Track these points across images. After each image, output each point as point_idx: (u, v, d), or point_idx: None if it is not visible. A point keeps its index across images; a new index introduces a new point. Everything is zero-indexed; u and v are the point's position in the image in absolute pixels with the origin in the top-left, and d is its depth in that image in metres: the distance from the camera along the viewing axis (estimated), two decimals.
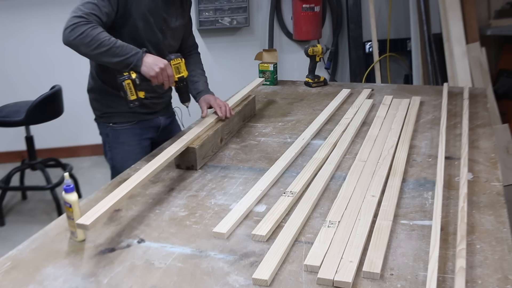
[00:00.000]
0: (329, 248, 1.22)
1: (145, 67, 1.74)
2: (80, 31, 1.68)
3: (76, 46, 1.71)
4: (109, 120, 2.05)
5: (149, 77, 1.75)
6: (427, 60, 3.79)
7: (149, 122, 2.11)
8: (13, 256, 1.27)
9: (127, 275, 1.18)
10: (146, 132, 2.10)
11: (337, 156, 1.78)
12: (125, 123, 2.04)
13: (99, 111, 2.08)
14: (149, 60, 1.75)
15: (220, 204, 1.51)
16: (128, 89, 1.73)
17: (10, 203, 3.63)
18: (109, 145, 2.07)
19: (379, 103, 2.37)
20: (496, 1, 4.07)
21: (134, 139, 2.06)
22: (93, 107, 2.11)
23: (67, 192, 1.33)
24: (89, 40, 1.69)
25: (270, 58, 2.91)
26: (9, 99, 3.60)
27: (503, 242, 1.23)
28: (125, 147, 2.04)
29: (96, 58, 1.76)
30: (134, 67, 1.74)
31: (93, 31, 1.69)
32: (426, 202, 1.46)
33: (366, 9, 4.14)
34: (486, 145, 1.85)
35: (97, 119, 2.12)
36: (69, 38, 1.70)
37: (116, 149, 2.05)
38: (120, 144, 2.04)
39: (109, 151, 2.07)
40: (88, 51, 1.71)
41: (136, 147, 2.05)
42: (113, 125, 2.04)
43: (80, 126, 4.36)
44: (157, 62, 1.75)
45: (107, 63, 1.76)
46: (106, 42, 1.70)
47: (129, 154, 1.99)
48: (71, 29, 1.69)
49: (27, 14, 4.08)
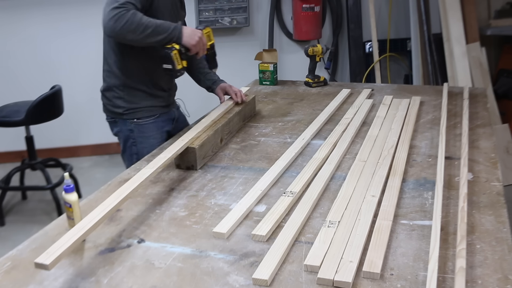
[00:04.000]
0: (329, 248, 1.22)
1: (185, 38, 1.91)
2: (125, 19, 1.76)
3: (123, 34, 1.80)
4: (134, 116, 2.09)
5: (190, 46, 1.92)
6: (427, 60, 3.79)
7: (167, 114, 2.20)
8: (13, 256, 1.27)
9: (127, 275, 1.18)
10: (165, 124, 2.19)
11: (337, 156, 1.78)
12: (149, 117, 2.11)
13: (122, 109, 2.09)
14: (187, 31, 1.92)
15: (220, 204, 1.51)
16: (175, 59, 1.90)
17: (10, 203, 3.63)
18: (134, 141, 2.12)
19: (379, 103, 2.37)
20: (496, 1, 4.07)
21: (158, 132, 2.14)
22: (115, 105, 2.10)
23: (67, 192, 1.33)
24: (135, 27, 1.79)
25: (270, 58, 2.91)
26: (9, 99, 3.60)
27: (503, 242, 1.23)
28: (151, 141, 2.11)
29: (142, 41, 1.85)
30: (177, 39, 1.89)
31: (136, 17, 1.79)
32: (426, 202, 1.46)
33: (366, 9, 4.14)
34: (486, 145, 1.85)
35: (116, 118, 2.12)
36: (115, 29, 1.78)
37: (142, 143, 2.11)
38: (146, 138, 2.11)
39: (134, 146, 2.12)
40: (134, 36, 1.81)
41: (159, 140, 2.13)
42: (138, 121, 2.10)
43: (80, 126, 4.37)
44: (194, 32, 1.93)
45: (152, 43, 1.87)
46: (149, 25, 1.81)
47: (154, 147, 2.06)
48: (115, 20, 1.76)
49: (27, 14, 4.08)
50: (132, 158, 2.12)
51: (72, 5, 4.06)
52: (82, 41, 4.15)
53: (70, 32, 4.13)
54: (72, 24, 4.11)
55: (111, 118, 2.14)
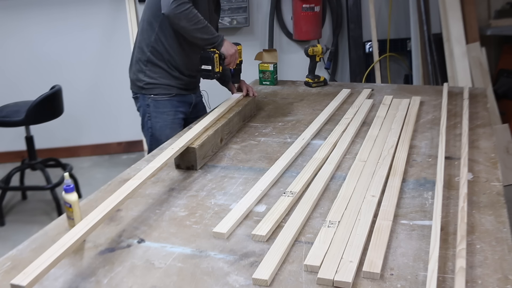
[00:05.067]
0: (329, 248, 1.22)
1: (225, 47, 2.18)
2: (185, 7, 2.02)
3: (179, 18, 2.05)
4: (151, 91, 2.28)
5: (227, 55, 2.18)
6: (427, 60, 3.79)
7: (184, 97, 2.35)
8: (13, 256, 1.27)
9: (127, 275, 1.18)
10: (181, 105, 2.34)
11: (337, 156, 1.78)
12: (165, 94, 2.28)
13: (142, 82, 2.28)
14: (227, 43, 2.20)
15: (220, 204, 1.51)
16: (216, 62, 2.14)
17: (10, 203, 3.63)
18: (149, 115, 2.29)
19: (379, 103, 2.37)
20: (496, 1, 4.07)
21: (172, 110, 2.30)
22: (138, 79, 2.29)
23: (67, 192, 1.33)
24: (192, 16, 2.05)
25: (270, 58, 2.91)
26: (9, 99, 3.60)
27: (503, 242, 1.23)
28: (164, 116, 2.28)
29: (190, 32, 2.11)
30: (217, 46, 2.16)
31: (194, 10, 2.06)
32: (426, 202, 1.46)
33: (366, 9, 4.14)
34: (486, 145, 1.85)
35: (138, 92, 2.31)
36: (176, 11, 2.02)
37: (156, 118, 2.29)
38: (160, 114, 2.28)
39: (149, 120, 2.30)
40: (188, 25, 2.07)
41: (173, 118, 2.30)
42: (155, 96, 2.27)
43: (80, 126, 4.36)
44: (232, 45, 2.22)
45: (197, 38, 2.13)
46: (202, 21, 2.08)
47: (167, 123, 2.28)
48: (178, 4, 2.01)
49: (27, 14, 4.08)
50: (148, 132, 2.33)
51: (72, 5, 4.06)
52: (82, 41, 4.15)
53: (70, 32, 4.13)
54: (72, 24, 4.11)
55: (135, 94, 2.34)
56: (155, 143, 2.20)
